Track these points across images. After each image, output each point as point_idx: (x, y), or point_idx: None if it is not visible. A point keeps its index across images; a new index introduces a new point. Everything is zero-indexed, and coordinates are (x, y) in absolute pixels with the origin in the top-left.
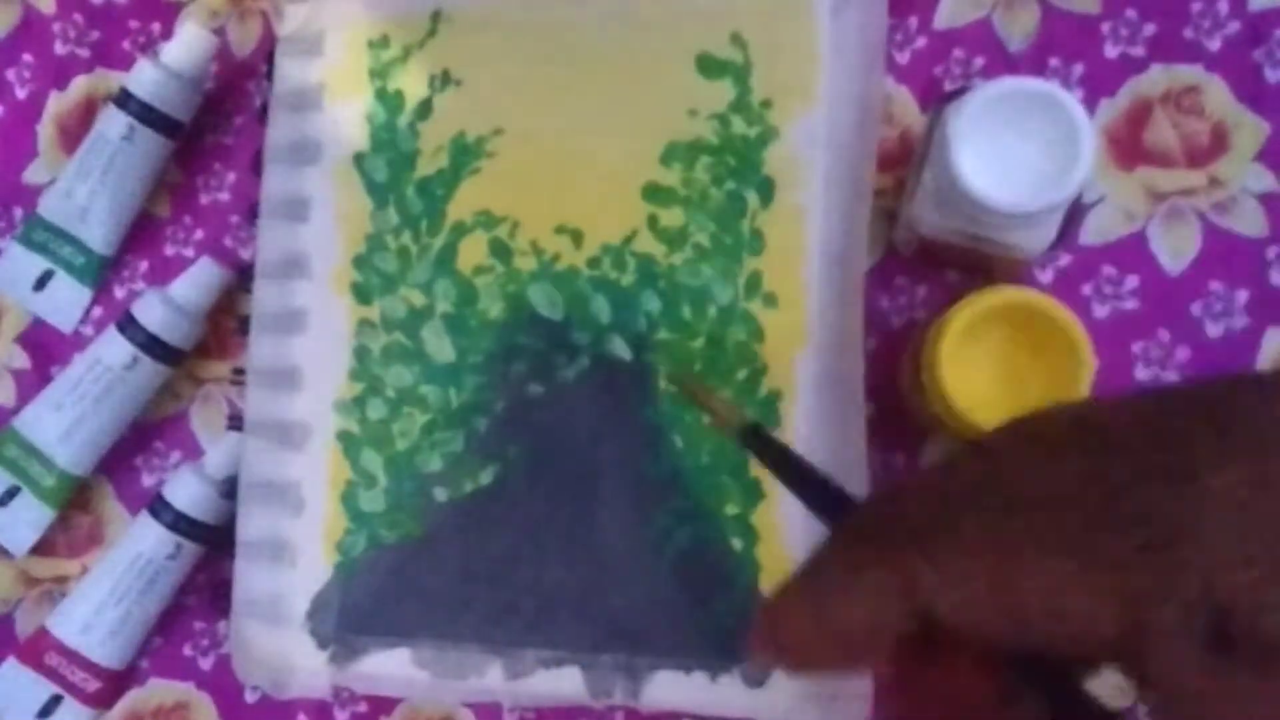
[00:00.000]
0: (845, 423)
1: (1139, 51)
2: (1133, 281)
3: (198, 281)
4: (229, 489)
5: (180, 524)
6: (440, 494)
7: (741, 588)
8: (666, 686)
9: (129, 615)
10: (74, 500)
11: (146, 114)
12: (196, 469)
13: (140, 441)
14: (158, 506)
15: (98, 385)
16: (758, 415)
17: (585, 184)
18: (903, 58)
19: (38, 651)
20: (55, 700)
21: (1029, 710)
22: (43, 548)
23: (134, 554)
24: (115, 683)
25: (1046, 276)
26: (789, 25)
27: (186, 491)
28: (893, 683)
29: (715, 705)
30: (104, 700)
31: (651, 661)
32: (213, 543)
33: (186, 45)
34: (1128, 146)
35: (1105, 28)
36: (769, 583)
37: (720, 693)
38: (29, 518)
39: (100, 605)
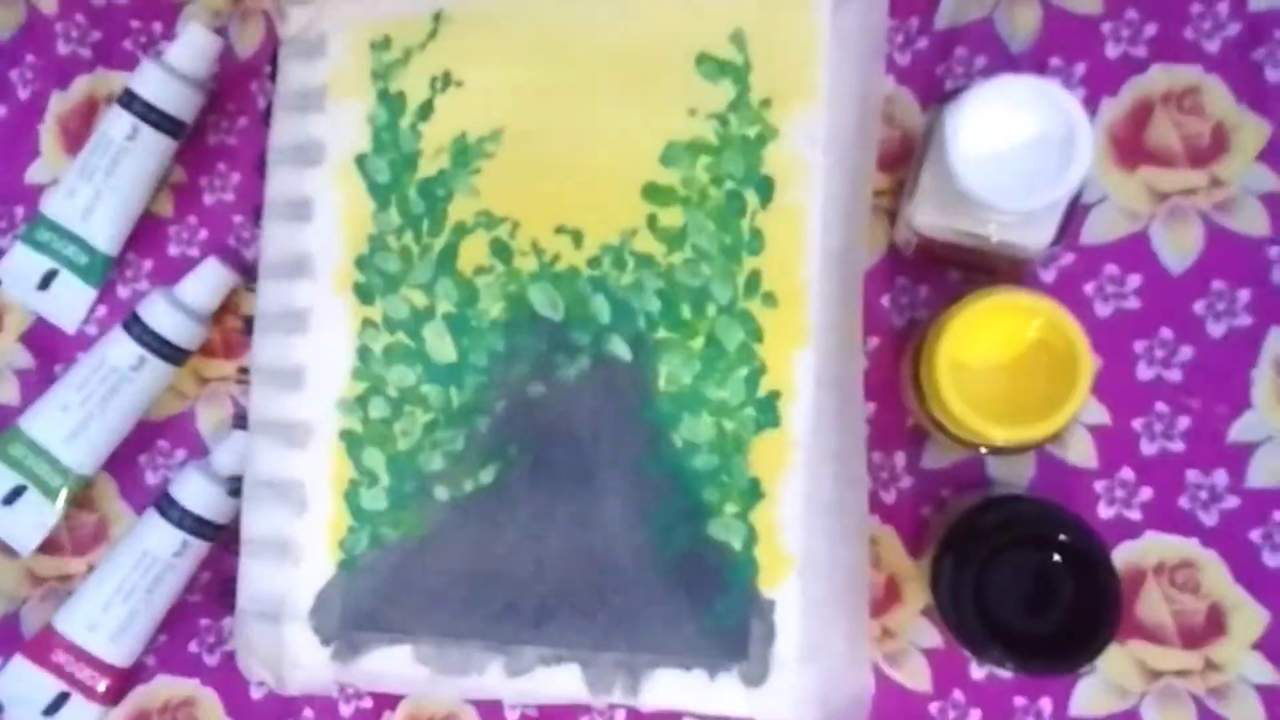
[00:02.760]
0: (846, 422)
1: (1140, 52)
2: (1135, 281)
3: (204, 282)
4: (236, 487)
5: (186, 521)
6: (441, 493)
7: (740, 587)
8: (666, 685)
9: (135, 613)
10: (79, 499)
11: (150, 114)
12: (203, 467)
13: (145, 441)
14: (164, 504)
15: (104, 385)
16: (757, 415)
17: (585, 184)
18: (904, 58)
19: (45, 649)
20: (63, 697)
21: None
22: (48, 547)
23: (140, 551)
24: (122, 680)
25: (1049, 276)
26: (789, 23)
27: (193, 489)
28: None
29: (714, 704)
30: (111, 697)
31: (651, 660)
32: (218, 540)
33: (191, 46)
34: (1129, 146)
35: (1106, 28)
36: (768, 582)
37: (719, 692)
38: (35, 517)
39: (107, 603)
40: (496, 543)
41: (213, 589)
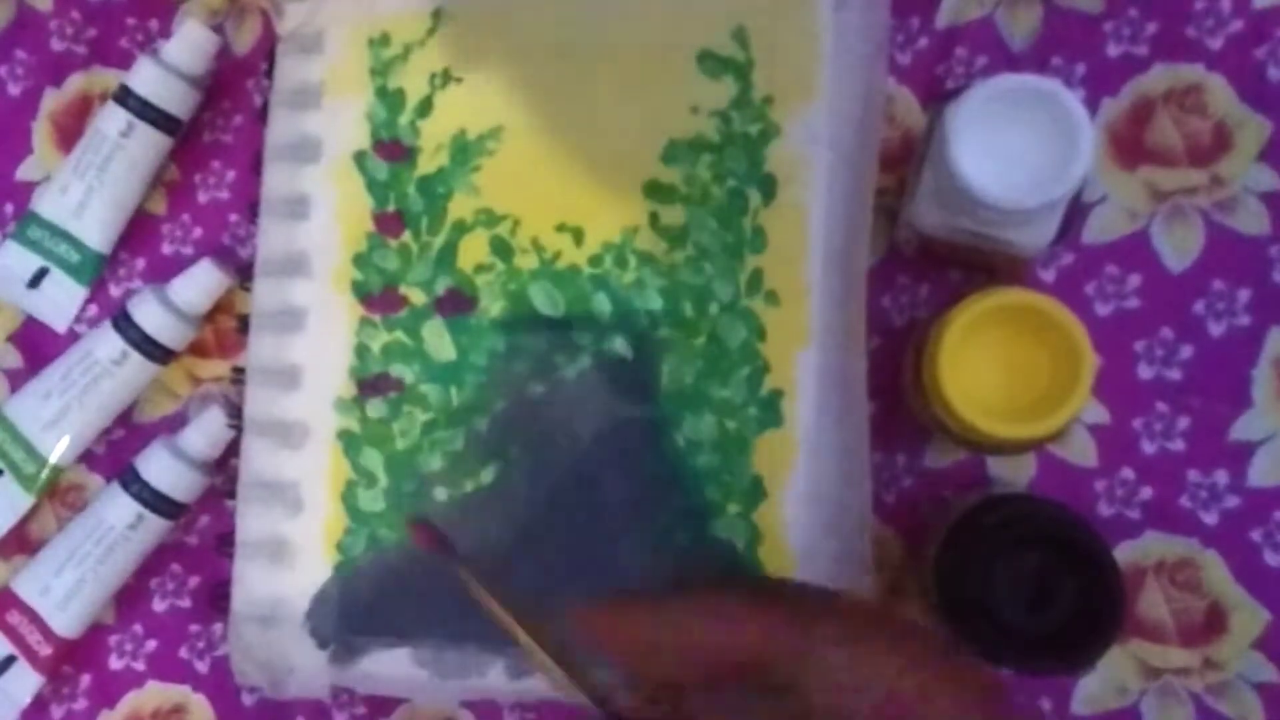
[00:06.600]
0: (848, 421)
1: (1141, 50)
2: (1135, 280)
3: (197, 283)
4: (207, 468)
5: (144, 494)
6: (441, 493)
7: None
8: None
9: (83, 581)
10: (70, 498)
11: (146, 111)
12: (169, 443)
13: (137, 440)
14: (127, 476)
15: (86, 377)
16: (760, 414)
17: (586, 182)
18: (904, 58)
19: (2, 609)
20: (9, 660)
21: None
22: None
23: (96, 520)
24: (65, 652)
25: (1049, 275)
26: (791, 20)
27: (156, 463)
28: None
29: None
30: (52, 668)
31: None
32: (176, 519)
33: (188, 43)
34: (1130, 146)
35: (1108, 27)
36: None
37: None
38: (7, 502)
39: (59, 568)
40: (497, 543)
41: (203, 594)
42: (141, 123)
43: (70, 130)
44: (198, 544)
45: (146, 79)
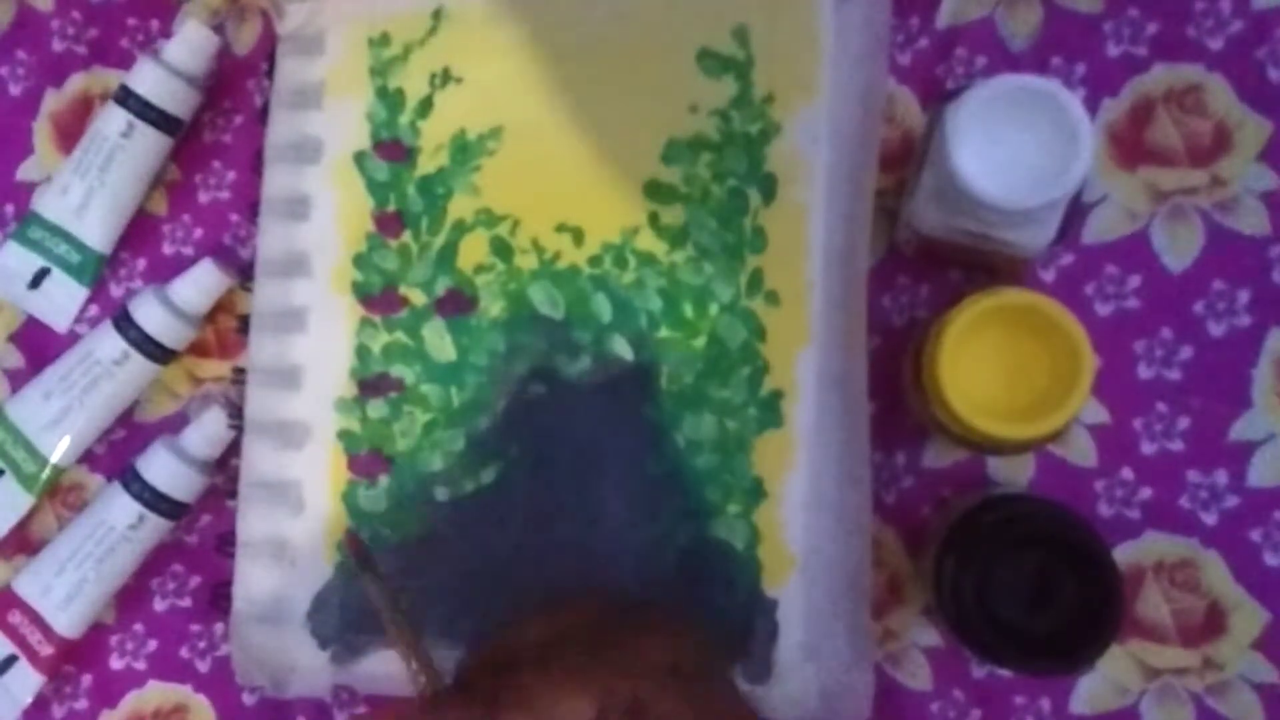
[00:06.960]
0: (848, 421)
1: (1141, 51)
2: (1135, 280)
3: (198, 284)
4: (208, 468)
5: (145, 494)
6: (442, 493)
7: (743, 587)
8: None
9: (85, 580)
10: (70, 499)
11: (147, 111)
12: (171, 443)
13: (138, 440)
14: (128, 476)
15: (86, 377)
16: (760, 415)
17: (586, 181)
18: (904, 58)
19: (3, 609)
20: (10, 660)
21: None
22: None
23: (98, 520)
24: (66, 652)
25: (1049, 275)
26: (792, 19)
27: (157, 463)
28: None
29: None
30: (52, 668)
31: None
32: (178, 519)
33: (189, 43)
34: (1130, 146)
35: (1108, 27)
36: (770, 582)
37: None
38: (8, 502)
39: (61, 568)
40: (497, 543)
41: (204, 594)
42: (142, 123)
43: (71, 130)
44: (198, 544)
45: (147, 79)
